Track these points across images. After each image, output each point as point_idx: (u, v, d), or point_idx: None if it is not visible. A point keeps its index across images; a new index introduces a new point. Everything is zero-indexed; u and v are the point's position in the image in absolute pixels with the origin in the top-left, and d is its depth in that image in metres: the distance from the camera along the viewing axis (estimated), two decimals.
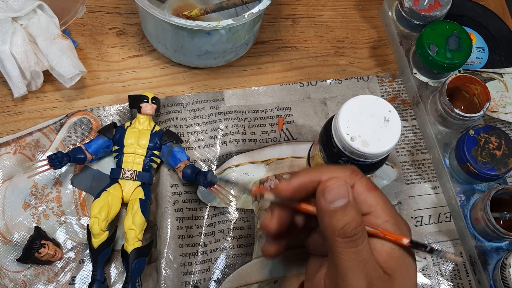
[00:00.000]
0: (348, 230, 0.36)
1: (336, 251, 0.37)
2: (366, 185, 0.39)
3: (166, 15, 0.53)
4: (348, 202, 0.37)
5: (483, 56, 0.68)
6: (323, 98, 0.64)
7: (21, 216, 0.54)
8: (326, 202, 0.37)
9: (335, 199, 0.37)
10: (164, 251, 0.52)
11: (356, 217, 0.37)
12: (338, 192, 0.37)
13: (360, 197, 0.39)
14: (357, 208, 0.37)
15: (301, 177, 0.40)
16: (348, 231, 0.36)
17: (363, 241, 0.36)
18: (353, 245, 0.36)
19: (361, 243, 0.36)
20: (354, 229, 0.36)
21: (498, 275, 0.54)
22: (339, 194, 0.37)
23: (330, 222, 0.37)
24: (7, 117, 0.58)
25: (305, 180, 0.39)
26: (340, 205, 0.37)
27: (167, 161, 0.55)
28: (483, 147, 0.56)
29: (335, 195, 0.37)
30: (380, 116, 0.46)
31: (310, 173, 0.40)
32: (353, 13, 0.71)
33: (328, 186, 0.37)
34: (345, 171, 0.40)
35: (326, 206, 0.37)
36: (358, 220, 0.37)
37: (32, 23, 0.57)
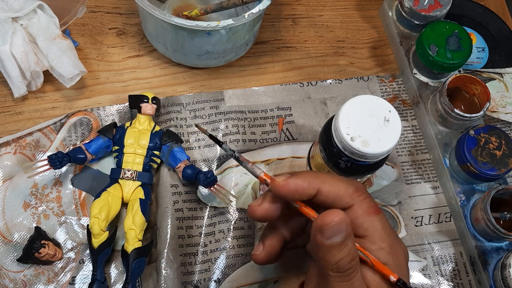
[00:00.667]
0: (342, 265, 0.36)
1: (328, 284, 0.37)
2: (366, 208, 0.38)
3: (166, 15, 0.53)
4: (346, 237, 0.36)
5: (483, 56, 0.68)
6: (323, 98, 0.64)
7: (21, 216, 0.54)
8: (323, 237, 0.36)
9: (333, 235, 0.36)
10: (164, 251, 0.52)
11: (351, 251, 0.36)
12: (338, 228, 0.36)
13: (357, 220, 0.38)
14: (354, 244, 0.37)
15: (300, 179, 0.38)
16: (342, 266, 0.36)
17: (356, 274, 0.36)
18: (346, 279, 0.36)
19: (354, 277, 0.36)
20: (349, 263, 0.36)
21: (498, 275, 0.54)
22: (338, 230, 0.36)
23: (325, 256, 0.36)
24: (7, 117, 0.58)
25: (304, 185, 0.38)
26: (338, 241, 0.36)
27: (167, 161, 0.55)
28: (483, 147, 0.56)
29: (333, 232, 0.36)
30: (380, 116, 0.46)
31: (310, 179, 0.38)
32: (353, 13, 0.71)
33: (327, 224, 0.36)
34: (347, 188, 0.39)
35: (322, 241, 0.36)
36: (353, 254, 0.36)
37: (32, 23, 0.57)
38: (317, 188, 0.38)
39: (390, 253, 0.38)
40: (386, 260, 0.38)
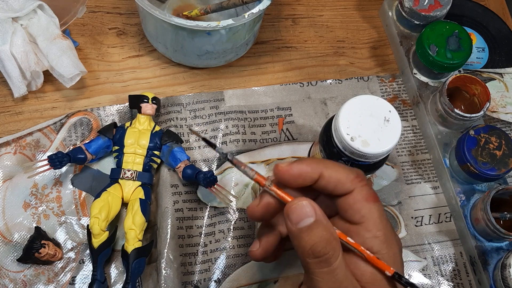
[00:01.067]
0: (316, 250, 0.35)
1: (309, 272, 0.36)
2: (365, 194, 0.38)
3: (166, 15, 0.53)
4: (315, 221, 0.35)
5: (483, 56, 0.68)
6: (323, 98, 0.64)
7: (21, 216, 0.54)
8: (291, 223, 0.36)
9: (299, 219, 0.36)
10: (164, 251, 0.52)
11: (325, 235, 0.35)
12: (302, 212, 0.36)
13: (355, 205, 0.38)
14: (327, 226, 0.36)
15: (303, 164, 0.38)
16: (317, 251, 0.35)
17: (336, 259, 0.35)
18: (325, 265, 0.35)
19: (334, 262, 0.35)
20: (324, 248, 0.35)
21: (498, 275, 0.54)
22: (304, 214, 0.35)
23: (298, 243, 0.36)
24: (7, 117, 0.58)
25: (307, 169, 0.38)
26: (306, 225, 0.35)
27: (167, 161, 0.55)
28: (483, 147, 0.56)
29: (299, 215, 0.36)
30: (380, 116, 0.46)
31: (313, 164, 0.38)
32: (353, 13, 0.71)
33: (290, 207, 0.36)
34: (348, 173, 0.38)
35: (291, 227, 0.36)
36: (327, 238, 0.35)
37: (32, 23, 0.57)
38: (319, 172, 0.38)
39: (384, 242, 0.37)
40: (379, 249, 0.37)
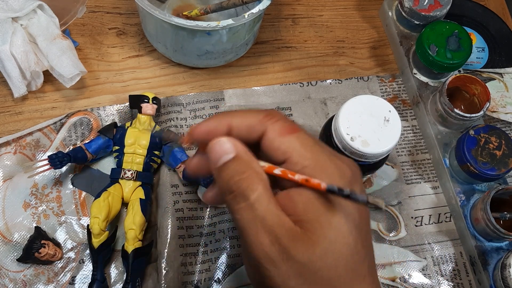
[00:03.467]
0: (230, 184, 0.33)
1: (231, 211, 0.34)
2: (280, 129, 0.35)
3: (166, 15, 0.53)
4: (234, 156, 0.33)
5: (483, 56, 0.68)
6: (323, 98, 0.64)
7: (21, 216, 0.54)
8: (212, 162, 0.34)
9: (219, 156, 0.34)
10: (165, 251, 0.52)
11: (241, 169, 0.33)
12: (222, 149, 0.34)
13: (273, 144, 0.35)
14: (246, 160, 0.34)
15: (210, 120, 0.36)
16: (231, 185, 0.33)
17: (254, 193, 0.32)
18: (242, 199, 0.33)
19: (251, 196, 0.32)
20: (237, 181, 0.33)
21: (498, 275, 0.54)
22: (223, 150, 0.34)
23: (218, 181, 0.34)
24: (7, 117, 0.58)
25: (213, 124, 0.36)
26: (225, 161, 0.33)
27: (168, 161, 0.55)
28: (483, 147, 0.56)
29: (218, 153, 0.34)
30: (380, 116, 0.46)
31: (220, 117, 0.36)
32: (353, 13, 0.71)
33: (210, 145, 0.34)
34: (257, 115, 0.36)
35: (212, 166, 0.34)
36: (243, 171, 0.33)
37: (32, 23, 0.57)
38: (227, 124, 0.36)
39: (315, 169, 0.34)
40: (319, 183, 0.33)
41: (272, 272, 0.32)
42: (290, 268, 0.32)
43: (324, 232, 0.32)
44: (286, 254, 0.32)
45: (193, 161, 0.38)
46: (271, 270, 0.32)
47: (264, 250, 0.32)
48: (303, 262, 0.32)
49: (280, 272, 0.32)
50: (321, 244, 0.32)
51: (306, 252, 0.32)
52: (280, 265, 0.32)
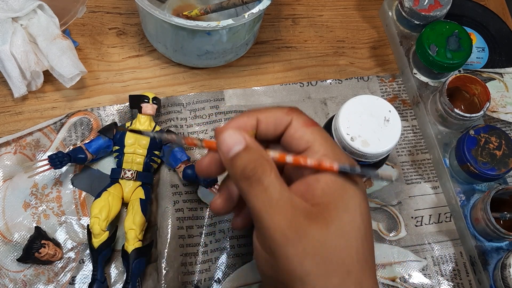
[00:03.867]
0: (246, 172, 0.35)
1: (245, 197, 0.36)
2: (303, 121, 0.38)
3: (166, 15, 0.53)
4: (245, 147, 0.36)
5: (483, 56, 0.68)
6: (323, 98, 0.64)
7: (21, 216, 0.54)
8: (223, 154, 0.36)
9: (230, 148, 0.36)
10: (165, 251, 0.52)
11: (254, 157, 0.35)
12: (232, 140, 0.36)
13: (296, 133, 0.38)
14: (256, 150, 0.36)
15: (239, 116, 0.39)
16: (247, 172, 0.35)
17: (268, 178, 0.35)
18: (256, 184, 0.35)
19: (265, 181, 0.35)
20: (253, 168, 0.35)
21: (498, 275, 0.54)
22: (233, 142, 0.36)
23: (232, 171, 0.36)
24: (7, 117, 0.58)
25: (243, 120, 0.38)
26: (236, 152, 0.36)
27: (168, 161, 0.55)
28: (483, 147, 0.56)
29: (229, 144, 0.36)
30: (380, 116, 0.46)
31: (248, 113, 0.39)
32: (353, 13, 0.71)
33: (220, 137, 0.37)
34: (282, 109, 0.39)
35: (224, 157, 0.36)
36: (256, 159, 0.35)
37: (32, 23, 0.57)
38: (255, 117, 0.38)
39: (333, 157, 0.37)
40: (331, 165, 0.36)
41: (289, 251, 0.34)
42: (305, 247, 0.34)
43: (340, 214, 0.35)
44: (302, 232, 0.34)
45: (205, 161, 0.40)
46: (288, 250, 0.34)
47: (281, 230, 0.34)
48: (319, 239, 0.34)
49: (296, 251, 0.34)
50: (336, 223, 0.34)
51: (321, 230, 0.34)
52: (296, 244, 0.33)
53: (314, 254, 0.34)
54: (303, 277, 0.34)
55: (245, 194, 0.36)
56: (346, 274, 0.34)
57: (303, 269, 0.34)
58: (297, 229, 0.34)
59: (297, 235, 0.34)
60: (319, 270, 0.34)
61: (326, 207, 0.35)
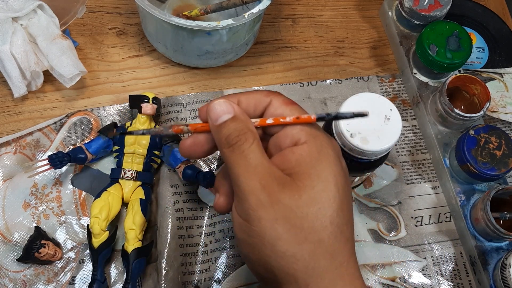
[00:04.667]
0: (230, 139, 0.37)
1: (226, 162, 0.38)
2: (282, 101, 0.40)
3: (166, 15, 0.53)
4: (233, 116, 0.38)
5: (483, 56, 0.68)
6: (323, 98, 0.64)
7: (21, 216, 0.54)
8: (211, 120, 0.38)
9: (218, 116, 0.38)
10: (165, 251, 0.52)
11: (239, 126, 0.37)
12: (221, 109, 0.38)
13: (276, 111, 0.39)
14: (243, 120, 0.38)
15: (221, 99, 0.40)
16: (230, 139, 0.37)
17: (249, 146, 0.37)
18: (238, 151, 0.37)
19: (246, 148, 0.37)
20: (236, 136, 0.37)
21: (498, 275, 0.54)
22: (222, 111, 0.38)
23: (217, 137, 0.38)
24: (7, 117, 0.58)
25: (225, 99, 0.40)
26: (224, 120, 0.38)
27: (168, 161, 0.55)
28: (483, 147, 0.56)
29: (218, 112, 0.38)
30: (381, 114, 0.46)
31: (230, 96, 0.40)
32: (353, 13, 0.71)
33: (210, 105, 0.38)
34: (262, 91, 0.41)
35: (212, 124, 0.38)
36: (241, 129, 0.37)
37: (32, 23, 0.57)
38: (237, 99, 0.40)
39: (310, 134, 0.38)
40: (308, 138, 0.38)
41: (261, 214, 0.35)
42: (277, 211, 0.35)
43: (313, 182, 0.36)
44: (274, 197, 0.35)
45: (188, 142, 0.41)
46: (260, 213, 0.35)
47: (255, 193, 0.35)
48: (290, 206, 0.35)
49: (268, 215, 0.35)
50: (308, 192, 0.36)
51: (293, 197, 0.35)
52: (268, 208, 0.35)
53: (285, 220, 0.35)
54: (274, 241, 0.35)
55: (226, 160, 0.37)
56: (318, 242, 0.35)
57: (274, 233, 0.35)
58: (270, 193, 0.35)
59: (270, 199, 0.35)
60: (289, 236, 0.35)
61: (299, 176, 0.36)
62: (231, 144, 0.37)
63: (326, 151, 0.38)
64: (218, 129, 0.38)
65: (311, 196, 0.35)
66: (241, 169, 0.36)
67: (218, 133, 0.38)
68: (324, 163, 0.37)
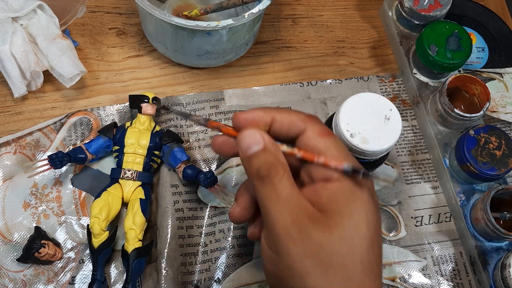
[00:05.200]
0: (261, 171, 0.37)
1: (257, 193, 0.38)
2: (318, 131, 0.39)
3: (166, 15, 0.53)
4: (263, 147, 0.38)
5: (483, 56, 0.68)
6: (323, 98, 0.64)
7: (21, 216, 0.54)
8: (241, 151, 0.38)
9: (248, 146, 0.38)
10: (165, 251, 0.52)
11: (270, 158, 0.37)
12: (252, 139, 0.38)
13: (310, 142, 0.39)
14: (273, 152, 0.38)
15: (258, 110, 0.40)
16: (261, 172, 0.37)
17: (280, 179, 0.37)
18: (269, 183, 0.37)
19: (277, 182, 0.37)
20: (267, 169, 0.37)
21: (498, 275, 0.54)
22: (253, 141, 0.38)
23: (248, 168, 0.38)
24: (7, 117, 0.58)
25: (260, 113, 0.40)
26: (254, 151, 0.38)
27: (168, 161, 0.55)
28: (483, 147, 0.56)
29: (248, 143, 0.38)
30: (381, 114, 0.46)
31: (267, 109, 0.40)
32: (353, 13, 0.71)
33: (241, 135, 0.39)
34: (299, 114, 0.40)
35: (242, 154, 0.38)
36: (272, 161, 0.37)
37: (32, 23, 0.57)
38: (272, 116, 0.40)
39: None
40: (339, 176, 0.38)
41: (290, 249, 0.35)
42: (307, 247, 0.35)
43: (344, 221, 0.36)
44: (304, 233, 0.35)
45: (220, 139, 0.41)
46: (290, 247, 0.35)
47: (286, 227, 0.35)
48: (320, 242, 0.35)
49: (298, 250, 0.35)
50: (339, 230, 0.35)
51: (323, 234, 0.35)
52: (298, 243, 0.35)
53: (315, 256, 0.35)
54: (303, 276, 0.35)
55: (257, 191, 0.37)
56: (347, 280, 0.35)
57: (304, 268, 0.35)
58: (300, 228, 0.35)
59: (300, 234, 0.35)
60: (318, 272, 0.35)
61: (331, 214, 0.36)
62: (261, 176, 0.37)
63: (359, 190, 0.37)
64: (249, 160, 0.38)
65: (342, 234, 0.35)
66: (272, 202, 0.36)
67: (249, 164, 0.38)
68: (356, 203, 0.37)
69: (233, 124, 0.40)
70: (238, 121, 0.40)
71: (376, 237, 0.37)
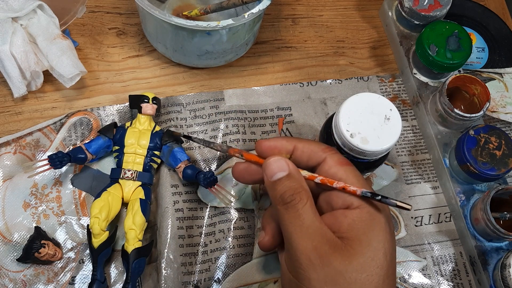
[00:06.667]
0: (285, 197, 0.39)
1: (280, 219, 0.39)
2: (337, 160, 0.41)
3: (166, 15, 0.53)
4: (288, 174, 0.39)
5: (483, 56, 0.68)
6: (323, 98, 0.64)
7: (21, 216, 0.54)
8: (267, 177, 0.40)
9: (274, 173, 0.40)
10: (165, 251, 0.52)
11: (294, 185, 0.39)
12: (277, 166, 0.40)
13: (330, 171, 0.41)
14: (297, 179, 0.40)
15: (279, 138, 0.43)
16: (285, 198, 0.39)
17: (303, 206, 0.38)
18: (292, 210, 0.38)
19: (300, 208, 0.38)
20: (291, 195, 0.39)
21: (498, 275, 0.54)
22: (278, 168, 0.40)
23: (272, 193, 0.40)
24: (7, 117, 0.58)
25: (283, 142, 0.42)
26: (279, 177, 0.39)
27: (168, 161, 0.55)
28: (483, 147, 0.56)
29: (273, 169, 0.40)
30: (381, 114, 0.46)
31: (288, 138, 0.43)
32: (353, 13, 0.71)
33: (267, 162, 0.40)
34: (319, 144, 0.42)
35: (267, 180, 0.40)
36: (296, 188, 0.39)
37: (32, 23, 0.57)
38: (294, 145, 0.42)
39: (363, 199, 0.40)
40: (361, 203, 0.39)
41: (311, 275, 0.37)
42: (327, 274, 0.37)
43: (363, 249, 0.37)
44: (325, 260, 0.37)
45: (241, 166, 0.44)
46: (310, 273, 0.37)
47: (307, 253, 0.37)
48: (340, 270, 0.37)
49: (318, 276, 0.37)
50: (358, 259, 0.37)
51: (343, 262, 0.37)
52: (318, 269, 0.37)
53: (334, 283, 0.37)
54: None
55: (281, 217, 0.39)
56: None
57: None
58: (321, 255, 0.37)
59: (321, 261, 0.37)
60: None
61: (350, 242, 0.38)
62: (285, 202, 0.39)
63: (378, 218, 0.39)
64: (273, 185, 0.40)
65: (361, 262, 0.37)
66: (295, 228, 0.38)
67: (273, 190, 0.40)
68: (375, 231, 0.38)
69: (256, 151, 0.42)
70: (261, 149, 0.42)
71: (391, 266, 0.38)
